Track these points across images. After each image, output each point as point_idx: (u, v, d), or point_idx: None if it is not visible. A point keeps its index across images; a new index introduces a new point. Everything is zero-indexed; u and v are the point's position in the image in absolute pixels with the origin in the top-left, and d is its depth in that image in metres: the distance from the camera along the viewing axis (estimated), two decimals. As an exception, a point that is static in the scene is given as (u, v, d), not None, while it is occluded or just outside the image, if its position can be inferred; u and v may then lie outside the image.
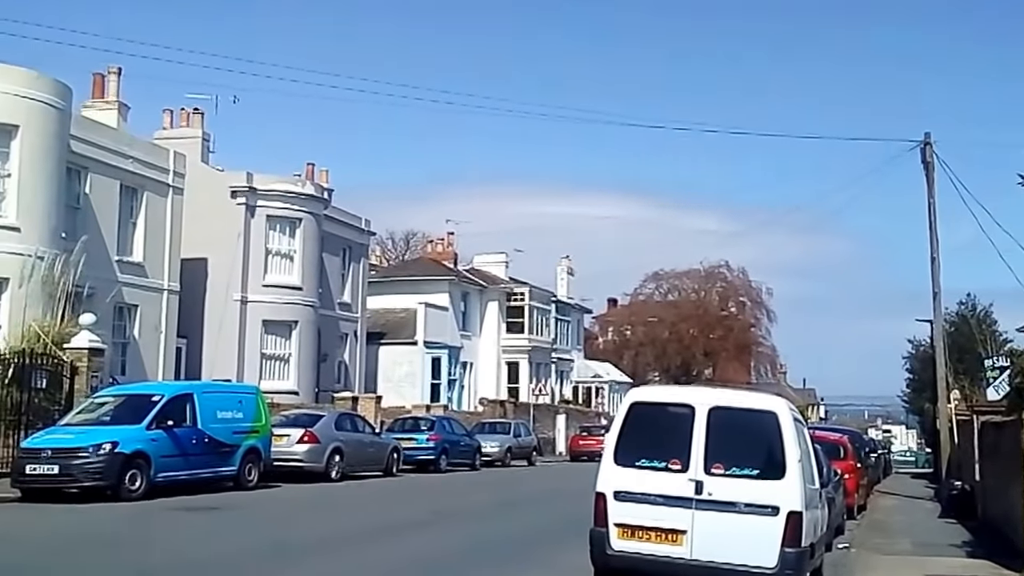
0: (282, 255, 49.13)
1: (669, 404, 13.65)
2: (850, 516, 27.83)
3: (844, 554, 20.76)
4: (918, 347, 67.68)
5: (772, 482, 12.53)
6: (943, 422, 42.04)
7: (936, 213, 40.92)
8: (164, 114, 50.48)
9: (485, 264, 77.72)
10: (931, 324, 43.80)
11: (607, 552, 12.90)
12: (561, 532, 13.48)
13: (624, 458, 13.08)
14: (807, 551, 12.85)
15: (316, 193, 51.30)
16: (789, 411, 13.30)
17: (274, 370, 48.72)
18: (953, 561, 20.08)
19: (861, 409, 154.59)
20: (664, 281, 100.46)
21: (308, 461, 32.73)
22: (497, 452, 49.09)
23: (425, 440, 42.14)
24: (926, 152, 40.79)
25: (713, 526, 12.48)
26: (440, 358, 64.95)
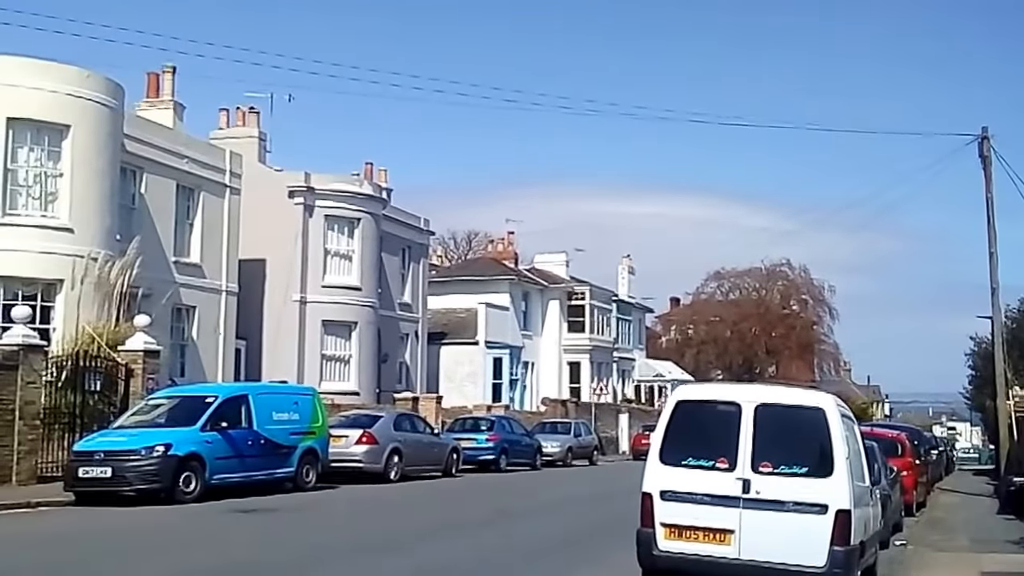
0: (341, 255, 48.89)
1: (715, 402, 13.45)
2: (908, 513, 27.81)
3: (901, 551, 20.68)
4: (980, 344, 66.96)
5: (820, 480, 12.30)
6: (1002, 419, 41.74)
7: (994, 208, 40.67)
8: (220, 113, 50.36)
9: (546, 264, 77.64)
10: (991, 320, 43.08)
11: (654, 552, 12.74)
12: (615, 530, 13.40)
13: (670, 457, 12.92)
14: (857, 549, 12.59)
15: (374, 193, 51.05)
16: (837, 407, 13.05)
17: (334, 371, 48.51)
18: (1010, 558, 19.92)
19: (926, 406, 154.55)
20: (726, 280, 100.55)
21: (367, 462, 32.37)
22: (558, 452, 48.62)
23: (485, 440, 41.80)
24: (983, 147, 40.43)
25: (761, 525, 12.30)
26: (501, 358, 64.75)
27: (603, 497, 30.29)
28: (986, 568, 18.01)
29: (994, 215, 40.70)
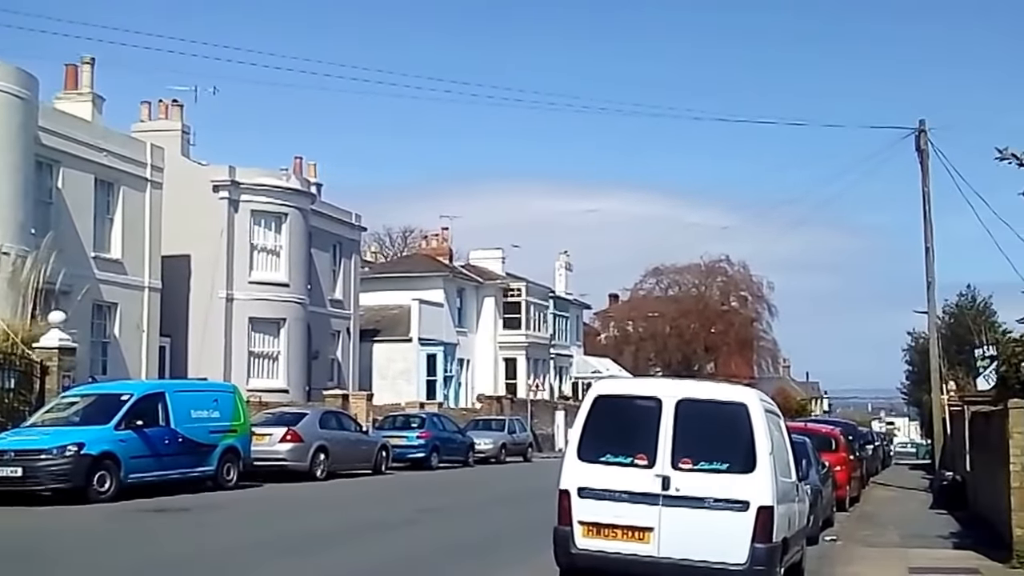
0: (268, 251, 48.16)
1: (635, 397, 13.19)
2: (841, 508, 27.88)
3: (830, 546, 20.60)
4: (917, 339, 67.90)
5: (742, 476, 12.13)
6: (937, 413, 42.12)
7: (931, 202, 40.84)
8: (142, 106, 49.17)
9: (481, 260, 77.20)
10: (927, 315, 43.39)
11: (571, 551, 12.46)
12: (543, 528, 12.81)
13: (588, 453, 12.63)
14: (779, 547, 12.43)
15: (302, 187, 50.35)
16: (760, 403, 12.87)
17: (263, 368, 47.83)
18: (938, 552, 20.01)
19: (865, 402, 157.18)
20: (665, 276, 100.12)
21: (291, 460, 31.73)
22: (491, 449, 48.15)
23: (415, 437, 41.34)
24: (920, 140, 40.50)
25: (681, 522, 12.08)
26: (435, 355, 64.44)
27: (533, 495, 29.56)
28: (913, 564, 18.06)
29: (931, 209, 40.79)
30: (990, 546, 19.48)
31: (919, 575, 16.90)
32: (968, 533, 22.87)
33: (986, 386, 32.53)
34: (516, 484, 35.09)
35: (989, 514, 23.31)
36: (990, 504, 23.15)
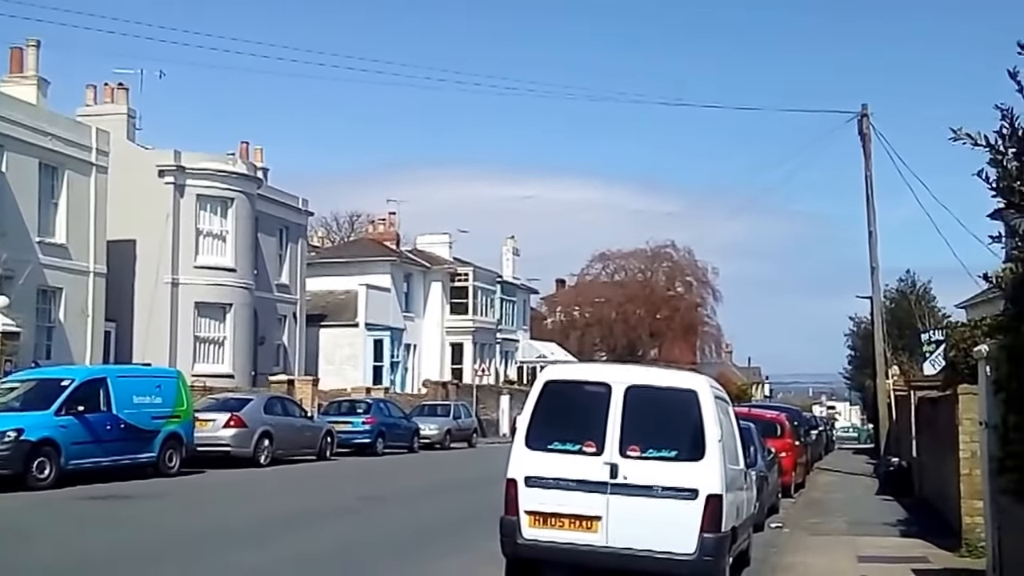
0: (214, 236, 48.13)
1: (584, 382, 12.93)
2: (786, 494, 27.87)
3: (777, 534, 20.47)
4: (859, 324, 67.96)
5: (691, 464, 11.96)
6: (881, 398, 42.00)
7: (873, 186, 40.76)
8: (87, 90, 48.98)
9: (428, 245, 77.13)
10: (871, 300, 43.42)
11: (518, 541, 12.19)
12: (487, 516, 12.76)
13: (536, 441, 12.38)
14: (728, 536, 12.28)
15: (248, 172, 50.25)
16: (710, 389, 12.70)
17: (209, 353, 47.87)
18: (886, 540, 19.76)
19: (806, 386, 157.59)
20: (611, 261, 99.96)
21: (235, 446, 31.73)
22: (436, 435, 48.20)
23: (361, 423, 41.40)
24: (863, 124, 40.36)
25: (629, 511, 11.87)
26: (382, 340, 64.45)
27: (478, 482, 29.78)
28: (862, 552, 17.90)
29: (873, 193, 40.76)
30: (938, 534, 19.37)
31: (868, 563, 16.66)
32: (915, 520, 22.75)
33: (932, 371, 32.74)
34: (460, 471, 35.19)
35: (936, 501, 23.34)
36: (937, 491, 23.19)
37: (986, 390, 13.17)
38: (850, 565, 16.57)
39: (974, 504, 16.47)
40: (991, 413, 12.61)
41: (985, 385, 13.29)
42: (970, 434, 16.73)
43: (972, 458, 16.68)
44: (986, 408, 13.15)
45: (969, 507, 16.95)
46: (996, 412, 12.13)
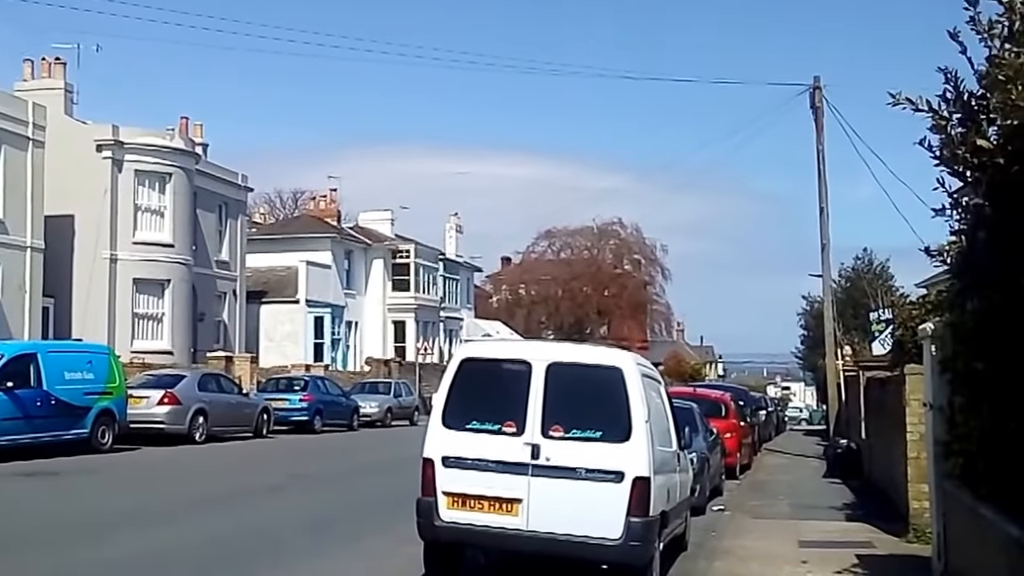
0: (152, 211, 47.79)
1: (504, 360, 12.53)
2: (731, 476, 27.57)
3: (718, 517, 20.24)
4: (812, 303, 67.24)
5: (616, 445, 11.45)
6: (831, 378, 41.66)
7: (825, 161, 40.21)
8: (24, 64, 48.65)
9: (370, 222, 76.86)
10: (822, 278, 42.55)
11: (435, 523, 11.78)
12: (411, 498, 12.43)
13: (454, 420, 11.96)
14: (657, 520, 11.90)
15: (187, 147, 49.89)
16: (637, 367, 12.25)
17: (147, 330, 47.57)
18: (830, 525, 19.47)
19: (760, 366, 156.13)
20: (557, 239, 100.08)
21: (169, 423, 31.71)
22: (376, 412, 48.22)
23: (298, 400, 41.23)
24: (815, 97, 39.68)
25: (551, 494, 11.43)
26: (323, 317, 64.26)
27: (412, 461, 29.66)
28: (804, 536, 17.59)
29: (825, 168, 40.19)
30: (884, 518, 19.12)
31: (809, 548, 16.23)
32: (862, 504, 22.52)
33: (882, 351, 32.12)
34: (397, 449, 34.73)
35: (884, 484, 23.19)
36: (885, 474, 23.03)
37: (931, 370, 12.89)
38: (790, 550, 16.23)
39: (921, 488, 16.23)
40: (936, 394, 12.36)
41: (930, 365, 12.99)
42: (917, 416, 16.49)
43: (920, 440, 16.47)
44: (931, 389, 12.89)
45: (916, 491, 16.77)
46: (942, 393, 11.89)
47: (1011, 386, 8.64)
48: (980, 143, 8.90)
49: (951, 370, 11.05)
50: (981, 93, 9.39)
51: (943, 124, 9.74)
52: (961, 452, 10.68)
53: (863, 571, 14.32)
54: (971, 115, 9.45)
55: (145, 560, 13.41)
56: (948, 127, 9.74)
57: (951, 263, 11.01)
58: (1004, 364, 8.78)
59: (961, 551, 11.49)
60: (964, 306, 10.43)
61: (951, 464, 11.30)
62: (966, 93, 9.56)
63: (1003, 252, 8.71)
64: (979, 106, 9.40)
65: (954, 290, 11.08)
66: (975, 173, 9.51)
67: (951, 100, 9.66)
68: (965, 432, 10.43)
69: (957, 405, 10.88)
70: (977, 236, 9.82)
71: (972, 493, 10.09)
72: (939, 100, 9.75)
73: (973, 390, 10.02)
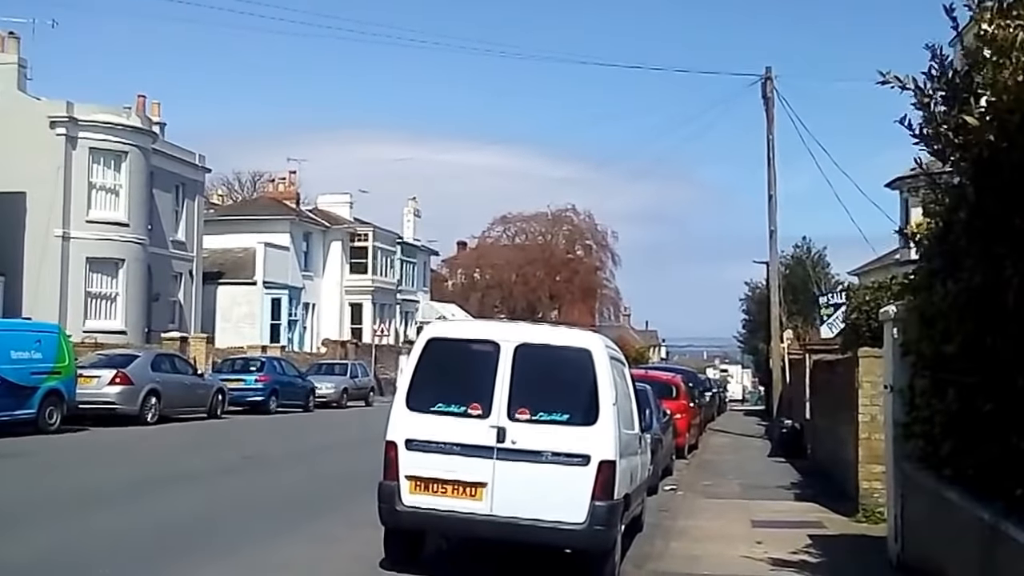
0: (107, 190, 47.30)
1: (471, 340, 12.16)
2: (680, 456, 27.77)
3: (671, 497, 20.31)
4: (754, 289, 69.26)
5: (583, 428, 11.27)
6: (776, 361, 42.23)
7: (774, 149, 40.66)
8: (-25, 39, 47.68)
9: (329, 205, 76.65)
10: (767, 265, 43.52)
11: (397, 508, 11.45)
12: (367, 481, 12.06)
13: (418, 402, 11.64)
14: (620, 503, 11.70)
15: (143, 126, 49.38)
16: (605, 349, 12.02)
17: (100, 309, 47.16)
18: (780, 504, 19.59)
19: (700, 350, 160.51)
20: (512, 224, 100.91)
21: (120, 403, 31.21)
22: (333, 393, 48.07)
23: (254, 381, 41.05)
24: (766, 87, 40.18)
25: (516, 478, 11.19)
26: (280, 298, 64.04)
27: (367, 442, 29.31)
28: (756, 516, 17.70)
29: (774, 156, 40.65)
30: (832, 498, 19.23)
31: (762, 528, 16.32)
32: (809, 483, 22.67)
33: (829, 334, 33.19)
34: (352, 430, 34.87)
35: (830, 465, 23.27)
36: (831, 454, 23.10)
37: (892, 353, 12.84)
38: (744, 530, 16.30)
39: (872, 469, 16.36)
40: (897, 377, 12.28)
41: (891, 348, 12.92)
42: (870, 397, 16.57)
43: (871, 422, 16.53)
44: (892, 372, 12.81)
45: (867, 472, 16.82)
46: (903, 376, 11.85)
47: (987, 369, 8.46)
48: (967, 120, 8.69)
49: (914, 353, 10.95)
50: (966, 71, 9.24)
51: (926, 102, 9.61)
52: (922, 434, 10.58)
53: (817, 551, 14.29)
54: (955, 93, 9.29)
55: (71, 548, 12.75)
56: (931, 104, 9.61)
57: (924, 245, 10.87)
58: (978, 347, 8.62)
59: (920, 533, 11.43)
60: (932, 288, 10.25)
61: (911, 446, 11.22)
62: (951, 71, 9.42)
63: (984, 233, 8.55)
64: (963, 84, 9.24)
65: (923, 272, 10.94)
66: (957, 152, 9.38)
67: (936, 77, 9.52)
68: (927, 415, 10.33)
69: (919, 388, 10.75)
70: (956, 217, 9.66)
71: (935, 475, 9.99)
72: (924, 77, 9.62)
73: (939, 373, 9.89)
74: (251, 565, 12.23)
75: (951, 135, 9.27)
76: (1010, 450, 7.80)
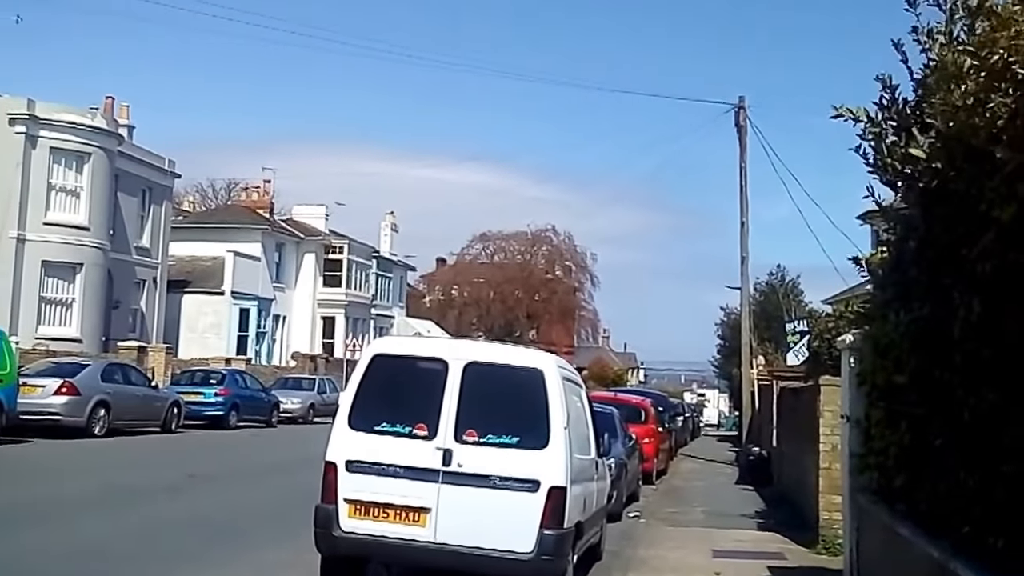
0: (67, 191, 45.74)
1: (418, 358, 11.65)
2: (648, 481, 27.88)
3: (634, 524, 20.18)
4: (729, 315, 69.49)
5: (533, 452, 10.79)
6: (746, 386, 42.95)
7: (747, 177, 41.57)
8: (-65, 33, 46.20)
9: (304, 216, 75.66)
10: (740, 290, 44.22)
11: (334, 533, 10.80)
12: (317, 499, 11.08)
13: (361, 421, 11.08)
14: (571, 532, 11.12)
15: (110, 127, 47.86)
16: (558, 369, 11.59)
17: (55, 316, 45.60)
18: (743, 534, 19.51)
19: (679, 373, 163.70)
20: (491, 242, 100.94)
21: (66, 415, 29.58)
22: (298, 409, 46.86)
23: (213, 395, 39.57)
24: (739, 116, 41.20)
25: (462, 503, 10.65)
26: (249, 309, 62.83)
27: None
28: (718, 546, 17.42)
29: (747, 184, 41.43)
30: (795, 528, 19.17)
31: (723, 559, 16.18)
32: (773, 512, 22.67)
33: (796, 361, 33.74)
34: (312, 447, 32.76)
35: (794, 493, 23.16)
36: (795, 483, 22.99)
37: (849, 382, 12.49)
38: (704, 560, 16.03)
39: (832, 499, 16.32)
40: (853, 406, 11.91)
41: (848, 377, 12.57)
42: (831, 427, 16.56)
43: (832, 451, 16.53)
44: (848, 401, 12.49)
45: (827, 502, 16.81)
46: (859, 406, 11.52)
47: (937, 401, 8.14)
48: (913, 151, 8.57)
49: (869, 383, 10.76)
50: (916, 101, 9.13)
51: (877, 132, 9.47)
52: (877, 466, 10.38)
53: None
54: (906, 123, 9.14)
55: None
56: (883, 135, 9.45)
57: (878, 274, 10.72)
58: (928, 378, 8.35)
59: (875, 568, 11.20)
60: (886, 318, 9.98)
61: (866, 477, 10.97)
62: (902, 100, 9.33)
63: (933, 263, 8.41)
64: (914, 114, 9.07)
65: (877, 302, 10.81)
66: (907, 181, 9.24)
67: (887, 107, 9.39)
68: (882, 446, 10.09)
69: (874, 418, 10.55)
70: (906, 246, 9.57)
71: (888, 509, 9.79)
72: (876, 108, 9.52)
73: (892, 404, 9.71)
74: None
75: (900, 165, 9.15)
76: (959, 485, 7.50)
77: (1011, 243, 6.49)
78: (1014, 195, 6.38)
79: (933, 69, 8.54)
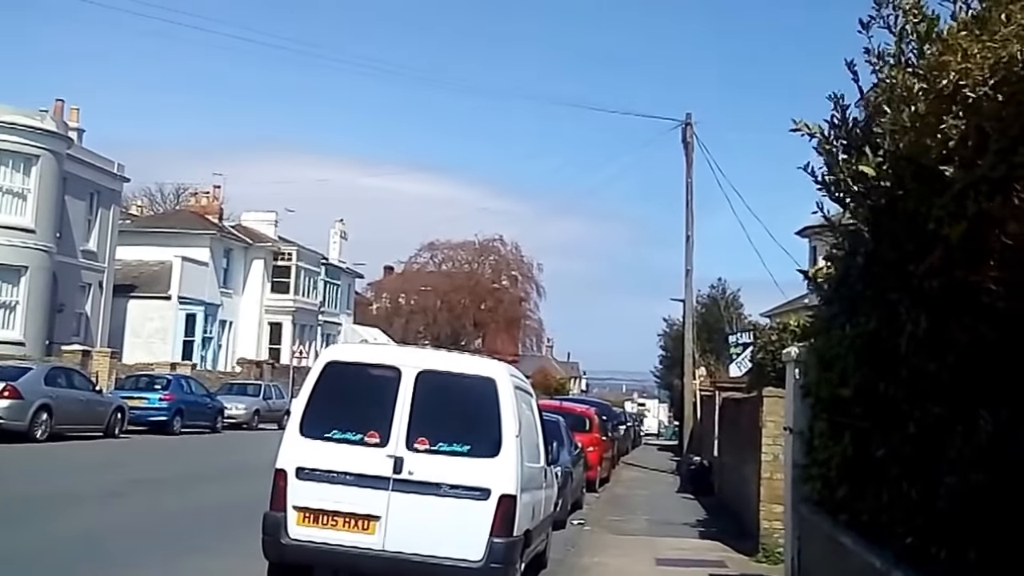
0: (13, 194, 45.35)
1: (371, 365, 11.71)
2: (591, 489, 27.96)
3: (578, 531, 20.25)
4: (672, 326, 70.29)
5: (484, 460, 10.87)
6: (688, 397, 42.99)
7: (693, 192, 41.72)
8: None
9: (254, 222, 75.42)
10: (684, 302, 44.45)
11: (282, 541, 10.76)
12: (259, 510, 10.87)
13: (312, 428, 11.06)
14: (520, 540, 11.22)
15: (58, 130, 47.46)
16: (510, 378, 11.71)
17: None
18: (685, 542, 19.74)
19: (620, 383, 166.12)
20: (439, 251, 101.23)
21: (8, 419, 29.21)
22: (243, 414, 46.79)
23: (158, 400, 39.11)
24: (686, 132, 41.42)
25: (412, 511, 10.68)
26: (195, 315, 62.47)
27: (269, 467, 27.90)
28: (661, 554, 17.60)
29: (693, 199, 41.57)
30: (735, 536, 19.33)
31: (665, 566, 16.37)
32: (714, 521, 22.78)
33: (738, 372, 34.39)
34: (257, 453, 32.62)
35: (735, 502, 23.34)
36: (736, 492, 23.15)
37: (793, 394, 12.63)
38: (648, 568, 16.30)
39: (773, 508, 16.41)
40: (797, 418, 11.99)
41: (792, 389, 12.72)
42: (773, 437, 16.65)
43: (773, 461, 16.63)
44: (792, 413, 12.63)
45: (768, 511, 16.90)
46: (803, 417, 11.55)
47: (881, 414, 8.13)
48: (863, 169, 8.57)
49: (813, 395, 10.82)
50: (866, 120, 9.08)
51: (828, 149, 9.54)
52: (820, 477, 10.43)
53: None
54: (856, 141, 9.17)
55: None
56: (834, 152, 9.50)
57: (824, 288, 10.72)
58: (873, 391, 8.33)
59: (814, 573, 11.21)
60: (831, 331, 10.08)
61: (809, 488, 11.00)
62: (851, 119, 9.31)
63: (880, 279, 8.39)
64: (864, 133, 9.07)
65: (823, 316, 10.85)
66: (856, 198, 9.26)
67: (837, 126, 9.43)
68: (825, 458, 10.14)
69: (818, 430, 10.57)
70: (853, 262, 9.55)
71: (831, 519, 9.83)
72: (828, 126, 9.51)
73: (836, 416, 9.69)
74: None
75: (850, 182, 9.19)
76: (901, 496, 7.57)
77: (958, 261, 6.53)
78: (963, 214, 6.43)
79: (883, 90, 8.60)
